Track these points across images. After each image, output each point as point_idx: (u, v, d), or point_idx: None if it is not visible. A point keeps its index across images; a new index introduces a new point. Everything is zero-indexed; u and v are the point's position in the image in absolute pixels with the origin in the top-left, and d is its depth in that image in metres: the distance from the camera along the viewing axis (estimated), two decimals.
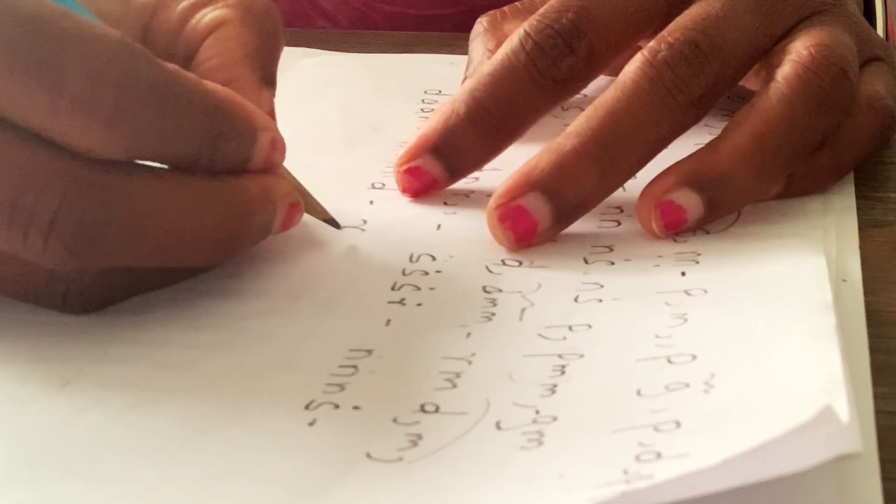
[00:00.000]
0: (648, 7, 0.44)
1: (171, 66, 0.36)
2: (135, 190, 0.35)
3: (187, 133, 0.36)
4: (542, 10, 0.44)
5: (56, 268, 0.35)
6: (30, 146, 0.34)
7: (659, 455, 0.29)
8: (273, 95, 0.42)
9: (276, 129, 0.39)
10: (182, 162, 0.36)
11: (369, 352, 0.36)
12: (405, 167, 0.45)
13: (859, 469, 0.30)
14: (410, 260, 0.41)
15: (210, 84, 0.37)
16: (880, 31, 0.53)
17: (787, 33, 0.44)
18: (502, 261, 0.41)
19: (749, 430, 0.28)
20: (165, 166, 0.37)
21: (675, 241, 0.41)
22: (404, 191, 0.45)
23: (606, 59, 0.44)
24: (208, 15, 0.42)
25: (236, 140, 0.37)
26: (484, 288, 0.39)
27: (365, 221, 0.44)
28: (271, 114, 0.42)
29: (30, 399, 0.34)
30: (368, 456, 0.31)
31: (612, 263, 0.40)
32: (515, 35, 0.44)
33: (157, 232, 0.35)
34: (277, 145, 0.39)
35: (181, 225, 0.36)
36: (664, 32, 0.42)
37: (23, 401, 0.34)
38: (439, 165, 0.44)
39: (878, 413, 0.33)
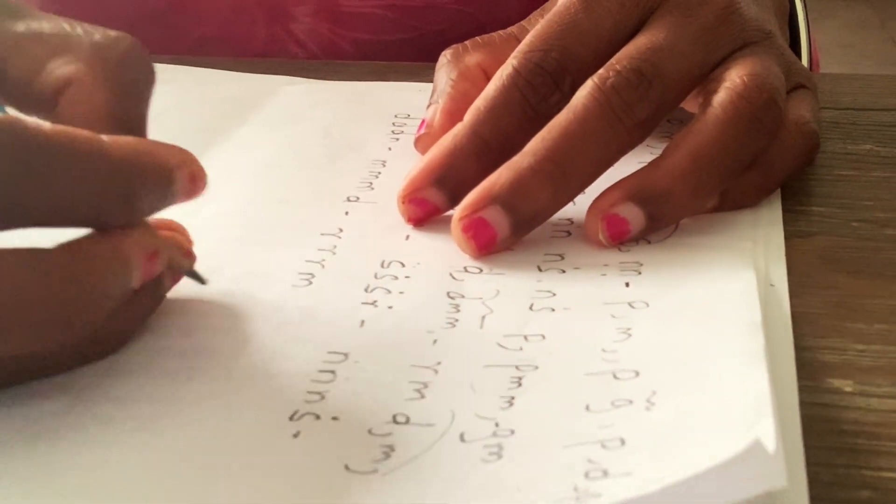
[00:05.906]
0: (615, 41, 0.44)
1: (57, 130, 0.31)
2: None
3: (91, 197, 0.32)
4: (526, 49, 0.44)
5: None
6: None
7: (605, 473, 0.29)
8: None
9: (195, 161, 0.35)
10: (94, 224, 0.33)
11: (346, 355, 0.35)
12: (410, 197, 0.44)
13: (787, 452, 0.30)
14: (382, 266, 0.41)
15: (109, 140, 0.33)
16: (805, 61, 0.53)
17: (723, 62, 0.44)
18: (464, 268, 0.41)
19: (685, 454, 0.29)
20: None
21: (619, 250, 0.41)
22: (409, 220, 0.44)
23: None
24: (58, 70, 0.36)
25: (151, 194, 0.33)
26: (448, 293, 0.39)
27: (341, 230, 0.44)
28: None
29: (44, 413, 0.33)
30: (347, 468, 0.31)
31: (563, 271, 0.40)
32: (506, 73, 0.44)
33: None
34: (198, 175, 0.35)
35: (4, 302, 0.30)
36: (612, 60, 0.43)
37: (34, 418, 0.33)
38: (442, 195, 0.44)
39: (802, 404, 0.33)
